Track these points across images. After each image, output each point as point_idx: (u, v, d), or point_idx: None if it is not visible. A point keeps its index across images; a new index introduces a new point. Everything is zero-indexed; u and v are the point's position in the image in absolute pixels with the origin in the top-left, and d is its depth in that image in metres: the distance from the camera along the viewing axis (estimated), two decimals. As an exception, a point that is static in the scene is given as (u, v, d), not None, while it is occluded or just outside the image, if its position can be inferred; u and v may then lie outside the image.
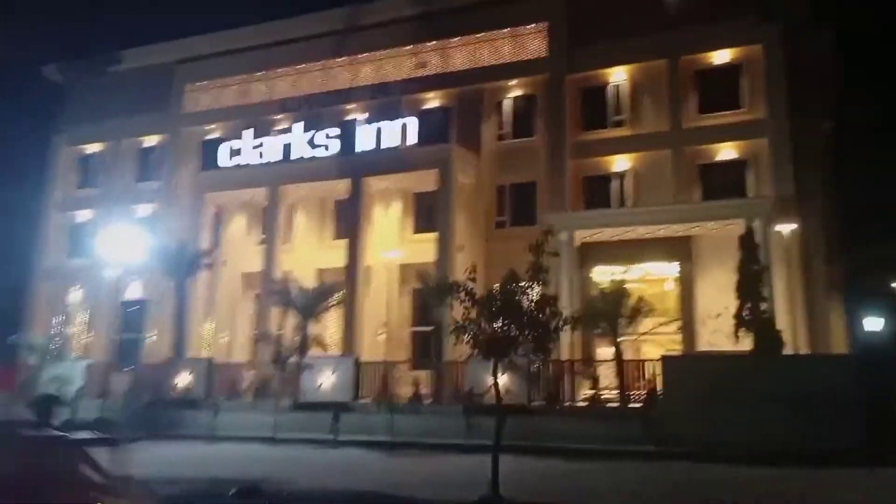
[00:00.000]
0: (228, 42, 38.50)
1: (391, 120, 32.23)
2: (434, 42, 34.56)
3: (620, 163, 31.13)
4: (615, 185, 31.14)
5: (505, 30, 33.44)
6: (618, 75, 31.77)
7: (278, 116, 36.81)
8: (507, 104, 33.61)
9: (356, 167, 32.47)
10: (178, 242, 32.63)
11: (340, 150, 32.99)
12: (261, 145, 34.28)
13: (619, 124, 31.52)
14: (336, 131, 33.36)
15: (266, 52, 37.50)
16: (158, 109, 39.60)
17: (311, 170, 33.35)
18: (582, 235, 29.00)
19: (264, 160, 34.03)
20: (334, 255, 33.60)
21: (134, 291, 38.77)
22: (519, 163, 32.49)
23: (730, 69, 29.98)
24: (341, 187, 33.57)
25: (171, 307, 33.16)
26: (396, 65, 35.32)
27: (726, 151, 29.55)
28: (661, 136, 30.26)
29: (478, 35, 33.82)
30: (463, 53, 34.14)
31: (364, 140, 32.58)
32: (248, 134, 34.80)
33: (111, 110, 40.77)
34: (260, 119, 36.90)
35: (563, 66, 31.91)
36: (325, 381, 27.55)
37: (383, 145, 32.15)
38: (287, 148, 33.74)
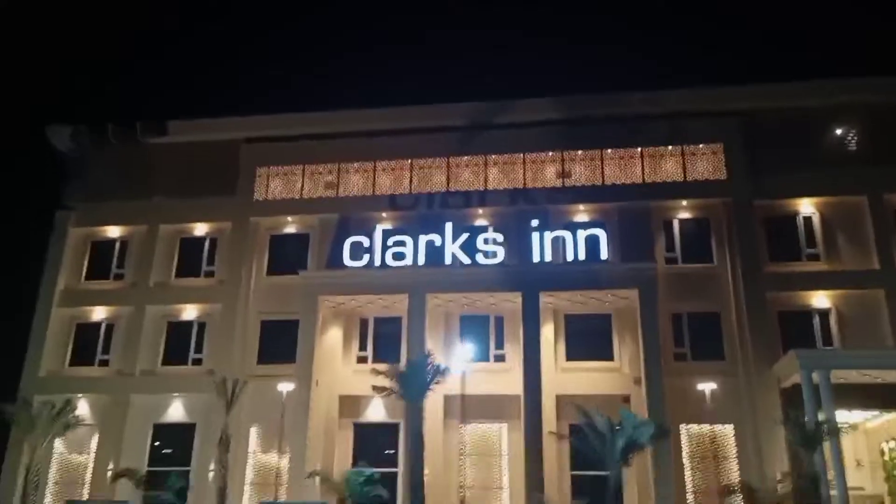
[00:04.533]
0: (317, 125, 30.75)
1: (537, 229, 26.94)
2: (583, 151, 28.96)
3: (820, 299, 26.82)
4: (816, 322, 27.11)
5: (669, 146, 29.12)
6: (806, 206, 27.62)
7: (384, 213, 29.86)
8: (676, 226, 28.23)
9: (530, 280, 26.22)
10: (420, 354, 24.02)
11: (508, 259, 26.95)
12: (402, 244, 27.36)
13: (813, 258, 27.18)
14: (500, 237, 27.29)
15: (366, 141, 30.00)
16: (216, 193, 30.80)
17: (470, 279, 26.66)
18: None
19: (402, 263, 27.12)
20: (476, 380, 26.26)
21: (174, 413, 28.86)
22: (696, 290, 27.07)
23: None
24: (488, 301, 27.23)
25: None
26: (536, 171, 29.67)
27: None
28: (870, 274, 26.44)
29: (637, 149, 29.25)
30: (616, 167, 29.19)
31: (538, 250, 26.87)
32: (378, 228, 27.69)
33: (140, 189, 31.49)
34: (361, 215, 29.77)
35: (749, 192, 27.43)
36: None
37: (549, 257, 26.65)
38: (436, 252, 27.16)
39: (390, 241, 27.15)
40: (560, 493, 25.11)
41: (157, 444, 28.15)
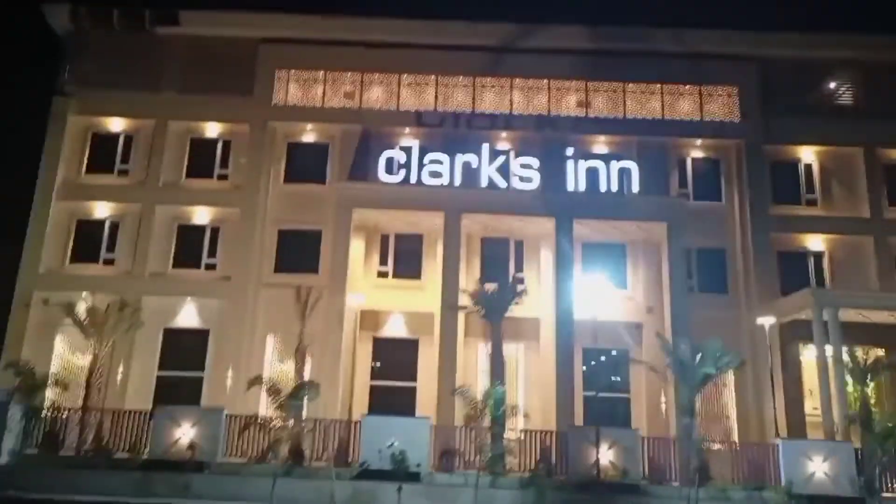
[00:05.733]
0: (339, 31, 29.36)
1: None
2: (606, 82, 29.24)
3: (815, 242, 28.51)
4: (811, 264, 28.85)
5: (687, 85, 29.69)
6: (807, 153, 29.08)
7: (406, 130, 29.23)
8: (689, 163, 29.07)
9: (564, 206, 26.47)
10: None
11: (543, 185, 27.08)
12: (438, 162, 26.98)
13: (811, 203, 28.79)
14: (536, 162, 27.32)
15: (390, 53, 29.02)
16: (230, 93, 29.05)
17: (505, 201, 26.61)
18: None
19: (437, 181, 26.84)
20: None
21: (186, 318, 27.72)
22: (704, 226, 28.15)
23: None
24: (510, 225, 27.48)
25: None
26: (561, 99, 29.68)
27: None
28: (861, 221, 28.28)
29: (656, 85, 29.62)
30: (637, 102, 29.71)
31: (571, 178, 27.19)
32: (415, 145, 27.21)
33: (147, 81, 29.17)
34: (384, 129, 29.06)
35: (759, 135, 28.60)
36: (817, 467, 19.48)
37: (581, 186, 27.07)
38: (471, 173, 26.98)
39: (427, 159, 26.80)
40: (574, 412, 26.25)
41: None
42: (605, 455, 19.19)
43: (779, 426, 25.12)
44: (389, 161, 26.77)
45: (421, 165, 26.62)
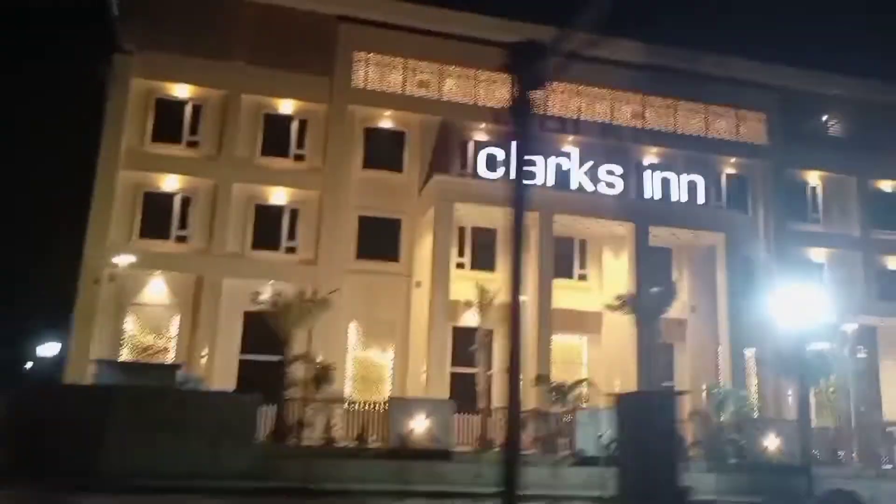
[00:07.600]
0: (417, 18, 28.90)
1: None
2: (660, 98, 31.28)
3: (817, 255, 32.55)
4: (813, 274, 32.76)
5: (721, 106, 32.26)
6: (813, 177, 33.19)
7: (483, 125, 29.39)
8: (723, 178, 32.08)
9: (642, 213, 28.19)
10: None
11: (625, 191, 28.47)
12: (533, 163, 27.43)
13: (815, 221, 32.85)
14: (619, 169, 28.60)
15: (468, 47, 28.70)
16: (307, 71, 27.68)
17: (591, 205, 27.87)
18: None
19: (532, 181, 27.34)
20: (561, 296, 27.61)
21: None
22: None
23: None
24: (576, 226, 28.77)
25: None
26: (617, 108, 31.11)
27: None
28: (853, 239, 32.64)
29: (698, 104, 32.15)
30: (683, 118, 31.74)
31: (648, 187, 28.88)
32: (513, 145, 27.39)
33: (218, 48, 27.09)
34: (462, 123, 29.06)
35: (782, 158, 32.10)
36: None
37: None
38: (564, 174, 27.80)
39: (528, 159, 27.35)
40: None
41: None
42: (773, 442, 21.85)
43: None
44: (490, 157, 27.07)
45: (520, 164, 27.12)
